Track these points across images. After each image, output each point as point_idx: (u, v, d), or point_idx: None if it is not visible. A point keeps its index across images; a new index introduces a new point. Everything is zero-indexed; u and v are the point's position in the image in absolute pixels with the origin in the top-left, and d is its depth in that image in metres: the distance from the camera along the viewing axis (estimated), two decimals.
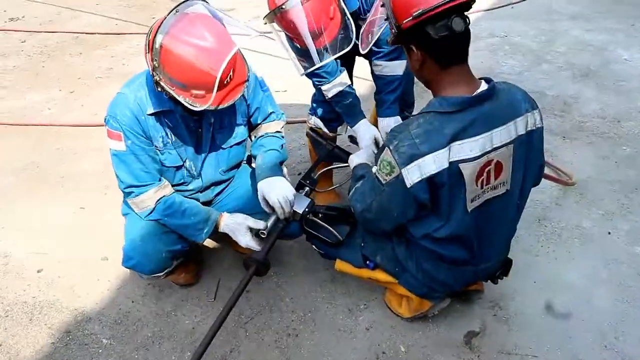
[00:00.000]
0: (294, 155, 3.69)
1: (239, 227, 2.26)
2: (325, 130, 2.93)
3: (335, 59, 2.32)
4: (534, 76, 4.76)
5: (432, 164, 1.73)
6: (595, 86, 4.54)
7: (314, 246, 2.47)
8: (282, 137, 2.56)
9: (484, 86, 1.80)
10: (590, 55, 5.13)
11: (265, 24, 2.25)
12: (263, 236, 2.25)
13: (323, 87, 2.61)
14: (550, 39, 5.52)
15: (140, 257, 2.25)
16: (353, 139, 2.71)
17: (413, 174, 1.75)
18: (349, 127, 2.73)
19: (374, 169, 1.90)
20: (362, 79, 3.78)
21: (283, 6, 2.11)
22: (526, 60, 5.08)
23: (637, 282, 2.62)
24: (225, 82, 1.90)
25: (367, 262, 2.27)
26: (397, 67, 2.63)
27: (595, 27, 5.77)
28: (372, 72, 2.76)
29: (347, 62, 2.80)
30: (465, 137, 1.73)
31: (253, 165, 2.57)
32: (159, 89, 1.93)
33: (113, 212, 2.59)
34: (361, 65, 3.01)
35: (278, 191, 2.22)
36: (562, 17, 6.11)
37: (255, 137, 2.53)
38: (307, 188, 2.42)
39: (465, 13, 1.71)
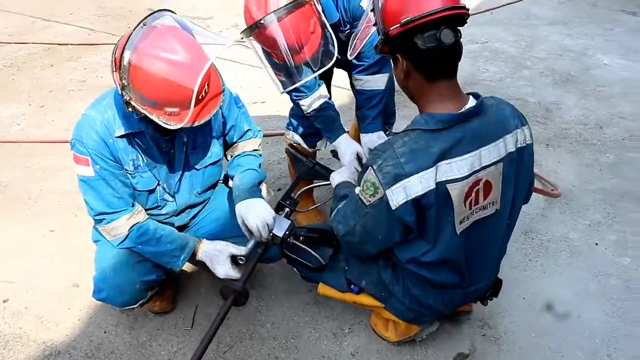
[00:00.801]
0: (273, 170, 3.59)
1: (218, 255, 2.14)
2: (305, 145, 2.82)
3: (318, 75, 2.22)
4: (516, 83, 4.73)
5: (418, 184, 1.64)
6: (577, 92, 4.53)
7: (295, 269, 2.36)
8: (260, 155, 2.45)
9: (472, 102, 1.72)
10: (570, 60, 5.13)
11: (243, 39, 2.13)
12: (241, 262, 2.13)
13: (302, 102, 2.51)
14: (530, 45, 5.52)
15: (111, 289, 2.11)
16: (335, 154, 2.61)
17: (398, 195, 1.66)
18: (328, 142, 2.64)
19: (357, 190, 1.81)
20: (342, 89, 3.69)
21: (262, 21, 1.99)
22: (507, 66, 5.05)
23: (627, 295, 2.58)
24: (200, 97, 1.79)
25: (352, 286, 2.17)
26: (378, 81, 2.54)
27: (574, 32, 5.79)
28: (352, 86, 2.66)
29: (326, 75, 2.71)
30: (453, 156, 1.66)
31: (230, 184, 2.46)
32: (130, 109, 1.80)
33: (84, 235, 2.46)
34: (340, 75, 2.92)
35: (256, 214, 2.11)
36: (542, 22, 6.12)
37: (231, 156, 2.42)
38: (287, 209, 2.31)
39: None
